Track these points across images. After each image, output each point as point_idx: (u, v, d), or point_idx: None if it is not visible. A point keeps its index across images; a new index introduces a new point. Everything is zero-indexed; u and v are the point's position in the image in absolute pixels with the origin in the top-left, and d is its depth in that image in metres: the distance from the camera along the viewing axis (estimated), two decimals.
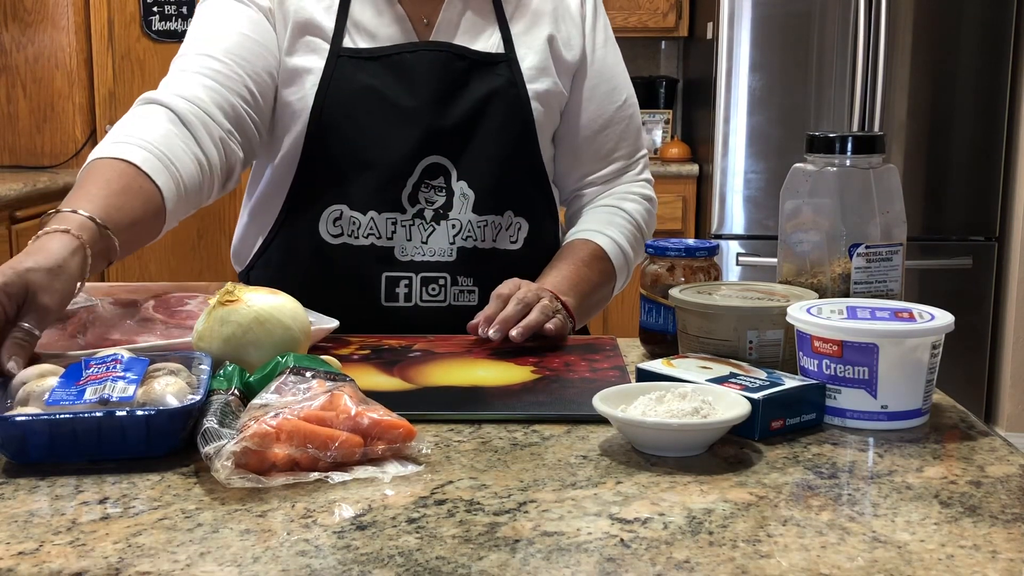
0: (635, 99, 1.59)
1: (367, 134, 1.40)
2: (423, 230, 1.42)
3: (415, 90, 1.41)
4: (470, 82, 1.43)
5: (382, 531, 0.77)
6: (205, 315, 1.08)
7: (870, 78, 3.68)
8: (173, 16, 4.01)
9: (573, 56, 1.51)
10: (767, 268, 3.69)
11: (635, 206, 1.57)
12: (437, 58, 1.42)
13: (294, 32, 1.42)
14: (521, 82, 1.45)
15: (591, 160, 1.56)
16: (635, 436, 0.95)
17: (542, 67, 1.47)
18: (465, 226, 1.43)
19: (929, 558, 0.74)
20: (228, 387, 0.96)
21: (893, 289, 1.18)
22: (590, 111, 1.53)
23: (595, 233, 1.51)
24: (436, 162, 1.42)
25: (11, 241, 3.39)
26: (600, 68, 1.54)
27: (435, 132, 1.41)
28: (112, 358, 0.98)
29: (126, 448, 0.91)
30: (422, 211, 1.42)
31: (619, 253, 1.51)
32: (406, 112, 1.41)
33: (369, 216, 1.41)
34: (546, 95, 1.47)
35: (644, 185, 1.60)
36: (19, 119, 3.96)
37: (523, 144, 1.46)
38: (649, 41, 4.55)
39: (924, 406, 1.02)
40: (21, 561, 0.73)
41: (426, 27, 1.46)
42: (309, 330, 1.12)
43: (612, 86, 1.55)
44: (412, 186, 1.41)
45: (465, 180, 1.42)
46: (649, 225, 1.59)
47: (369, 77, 1.41)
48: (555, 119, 1.51)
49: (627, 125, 1.57)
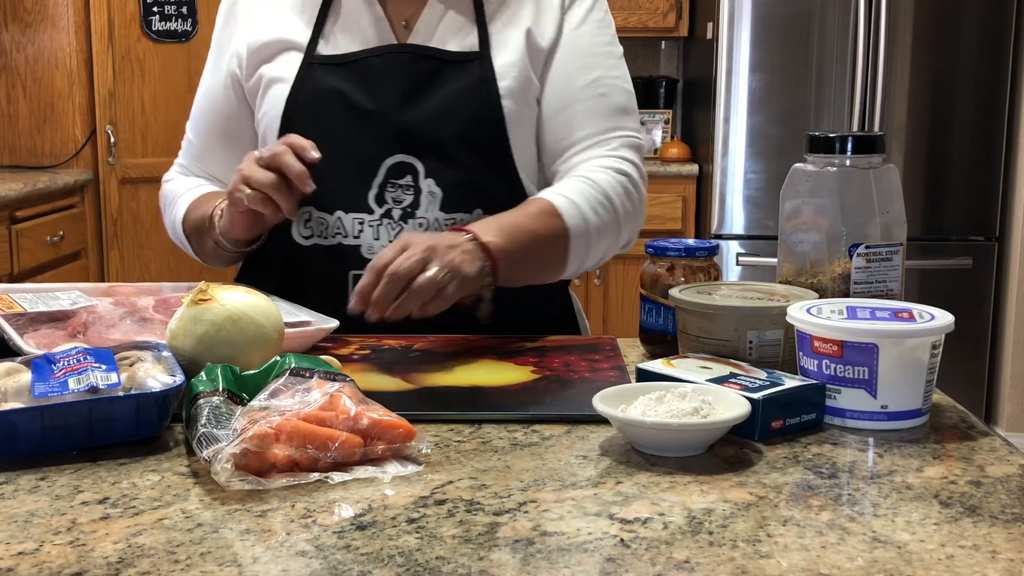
0: (619, 82, 1.49)
1: (331, 137, 1.42)
2: (391, 229, 1.41)
3: (378, 92, 1.42)
4: (438, 81, 1.43)
5: (382, 531, 0.77)
6: (179, 314, 1.09)
7: (870, 78, 3.68)
8: (173, 16, 4.00)
9: (546, 42, 1.47)
10: (767, 268, 3.69)
11: (604, 176, 1.42)
12: (402, 59, 1.43)
13: (269, 48, 1.48)
14: (492, 79, 1.42)
15: (555, 142, 1.47)
16: (635, 436, 0.95)
17: (515, 62, 1.44)
18: (432, 224, 1.41)
19: (929, 558, 0.74)
20: (215, 388, 0.95)
21: (893, 289, 1.18)
22: (553, 91, 1.47)
23: (550, 192, 1.40)
24: (403, 161, 1.41)
25: (11, 241, 3.39)
26: (570, 48, 1.47)
27: (399, 132, 1.41)
28: (76, 351, 1.00)
29: (115, 434, 0.93)
30: (390, 211, 1.41)
31: (575, 212, 1.37)
32: (368, 114, 1.42)
33: (336, 216, 1.42)
34: (518, 91, 1.44)
35: (619, 160, 1.45)
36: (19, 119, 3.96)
37: (493, 141, 1.43)
38: (649, 41, 4.55)
39: (924, 406, 1.02)
40: (21, 561, 0.73)
41: (405, 29, 1.46)
42: (283, 328, 1.13)
43: (581, 65, 1.47)
44: (378, 186, 1.41)
45: (432, 178, 1.41)
46: (622, 199, 1.42)
47: (337, 82, 1.43)
48: (532, 114, 1.48)
49: (594, 104, 1.46)
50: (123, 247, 4.06)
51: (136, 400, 0.94)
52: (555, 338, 1.36)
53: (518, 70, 1.44)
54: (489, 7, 1.46)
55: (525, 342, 1.31)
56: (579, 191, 1.39)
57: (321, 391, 0.93)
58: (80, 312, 1.25)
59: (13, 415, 0.90)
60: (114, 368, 0.97)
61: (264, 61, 1.48)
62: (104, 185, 3.99)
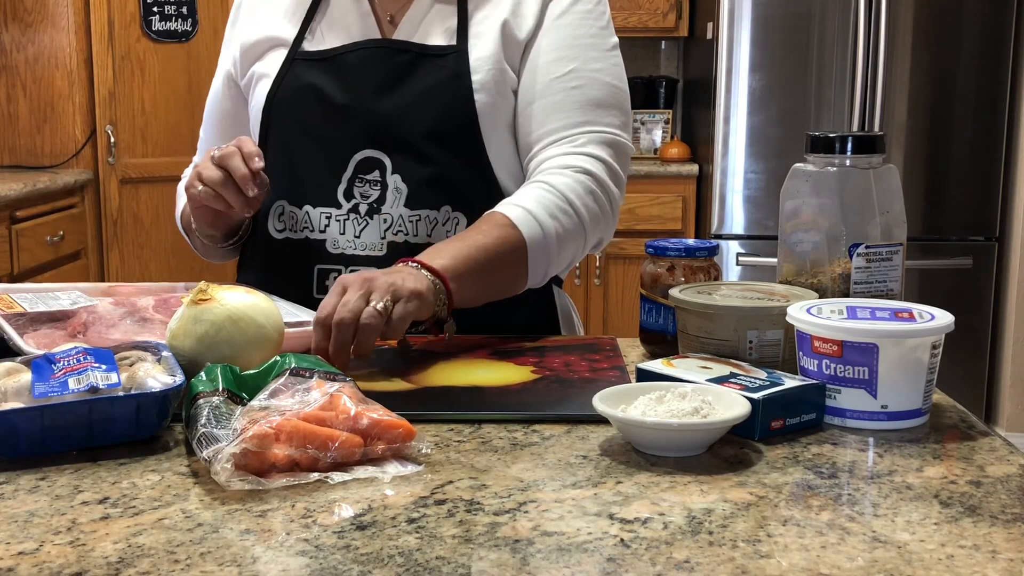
0: (599, 75, 1.43)
1: (306, 131, 1.43)
2: (357, 224, 1.41)
3: (350, 86, 1.43)
4: (411, 76, 1.42)
5: (382, 531, 0.77)
6: (179, 314, 1.09)
7: (870, 78, 3.68)
8: (173, 16, 4.00)
9: (524, 34, 1.44)
10: (767, 268, 3.69)
11: (563, 179, 1.37)
12: (378, 54, 1.43)
13: (259, 46, 1.51)
14: (466, 72, 1.40)
15: (524, 135, 1.43)
16: (635, 436, 0.95)
17: (489, 55, 1.41)
18: (396, 220, 1.40)
19: (929, 558, 0.74)
20: (214, 388, 0.95)
21: (893, 289, 1.18)
22: (526, 83, 1.44)
23: (505, 204, 1.36)
24: (371, 156, 1.41)
25: (11, 241, 3.39)
26: (548, 40, 1.43)
27: (368, 127, 1.41)
28: (76, 351, 1.00)
29: (115, 433, 0.93)
30: (357, 206, 1.41)
31: (531, 222, 1.33)
32: (340, 108, 1.42)
33: (304, 210, 1.43)
34: (492, 84, 1.41)
35: (584, 158, 1.39)
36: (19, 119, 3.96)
37: (465, 137, 1.41)
38: (649, 41, 4.55)
39: (924, 406, 1.02)
40: (21, 561, 0.73)
41: (391, 24, 1.46)
42: (283, 328, 1.13)
43: (557, 56, 1.43)
44: (347, 181, 1.42)
45: (399, 174, 1.41)
46: (585, 200, 1.37)
47: (315, 77, 1.44)
48: (509, 108, 1.44)
49: (564, 97, 1.41)
50: (123, 247, 4.06)
51: (136, 400, 0.94)
52: (555, 338, 1.36)
53: (492, 63, 1.42)
54: (472, 1, 1.45)
55: (525, 342, 1.31)
56: (536, 198, 1.35)
57: (321, 391, 0.93)
58: (80, 312, 1.25)
59: (13, 415, 0.90)
60: (114, 368, 0.97)
61: (255, 59, 1.51)
62: (104, 185, 3.99)
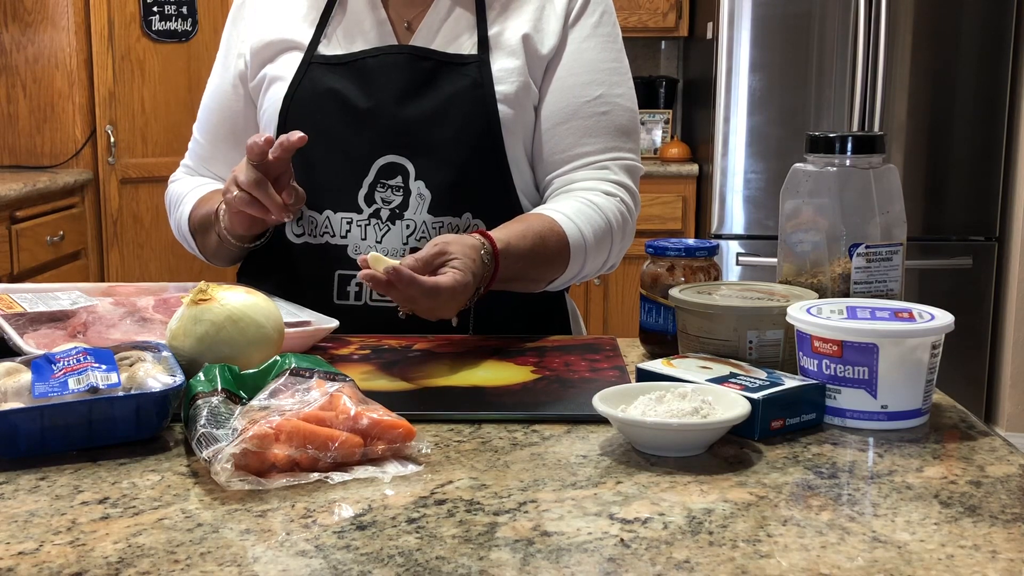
0: (622, 100, 1.48)
1: (325, 136, 1.42)
2: (378, 230, 1.41)
3: (372, 91, 1.42)
4: (433, 83, 1.42)
5: (382, 531, 0.78)
6: (179, 314, 1.09)
7: (870, 78, 3.68)
8: (173, 16, 4.00)
9: (548, 49, 1.46)
10: (767, 268, 3.69)
11: (604, 201, 1.43)
12: (399, 60, 1.43)
13: (272, 48, 1.49)
14: (489, 83, 1.42)
15: (552, 153, 1.46)
16: (635, 436, 0.95)
17: (514, 68, 1.43)
18: (419, 227, 1.41)
19: (929, 558, 0.74)
20: (212, 388, 0.95)
21: (893, 289, 1.18)
22: (552, 103, 1.46)
23: (548, 209, 1.40)
24: (393, 162, 1.41)
25: (11, 241, 3.39)
26: (573, 60, 1.47)
27: (391, 132, 1.41)
28: (76, 351, 1.00)
29: (115, 434, 0.93)
30: (379, 211, 1.41)
31: (575, 229, 1.38)
32: (362, 113, 1.42)
33: (325, 215, 1.42)
34: (515, 97, 1.43)
35: (617, 187, 1.46)
36: (19, 119, 3.96)
37: (487, 146, 1.42)
38: (649, 41, 4.55)
39: (924, 406, 1.02)
40: (21, 561, 0.73)
41: (407, 31, 1.46)
42: (283, 328, 1.13)
43: (585, 80, 1.46)
44: (368, 186, 1.41)
45: (423, 180, 1.41)
46: (619, 224, 1.45)
47: (334, 81, 1.44)
48: (529, 121, 1.47)
49: (596, 122, 1.46)
50: (123, 247, 4.05)
51: (136, 400, 0.94)
52: (555, 338, 1.36)
53: (516, 75, 1.43)
54: (491, 12, 1.46)
55: (525, 342, 1.31)
56: (578, 211, 1.40)
57: (321, 391, 0.93)
58: (80, 312, 1.25)
59: (13, 415, 0.90)
60: (114, 368, 0.97)
61: (267, 61, 1.49)
62: (104, 185, 3.99)
